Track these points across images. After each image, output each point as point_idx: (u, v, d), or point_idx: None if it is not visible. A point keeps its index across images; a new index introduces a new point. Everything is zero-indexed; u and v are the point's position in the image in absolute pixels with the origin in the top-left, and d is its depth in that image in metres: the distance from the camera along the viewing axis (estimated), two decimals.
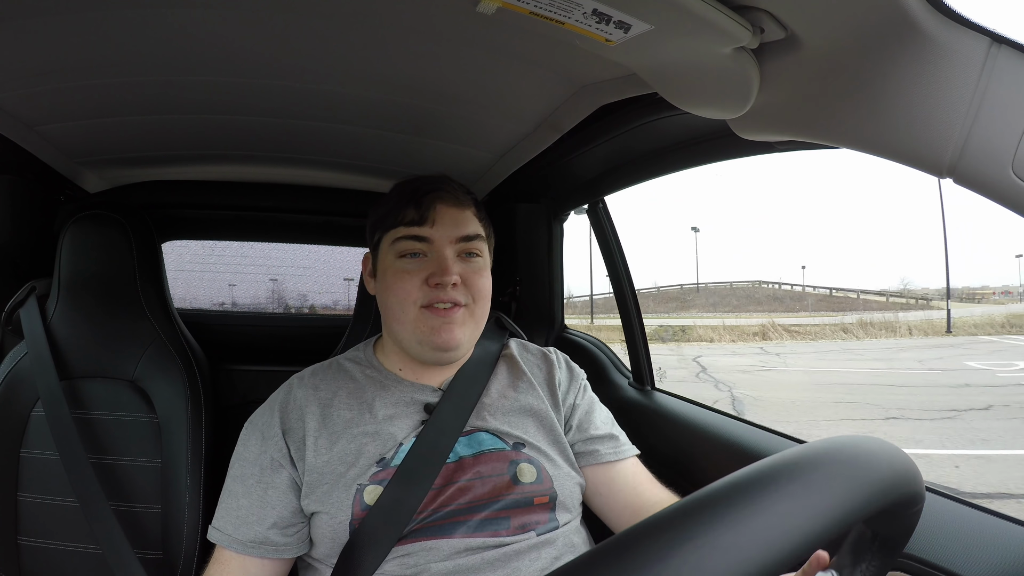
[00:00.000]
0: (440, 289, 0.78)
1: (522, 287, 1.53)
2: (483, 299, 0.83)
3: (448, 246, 0.81)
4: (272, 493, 0.75)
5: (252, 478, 0.76)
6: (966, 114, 0.45)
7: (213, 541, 0.75)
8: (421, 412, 0.81)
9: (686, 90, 0.66)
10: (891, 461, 0.34)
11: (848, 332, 23.83)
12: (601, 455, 0.86)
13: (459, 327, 0.80)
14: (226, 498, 0.77)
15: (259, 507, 0.75)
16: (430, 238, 0.80)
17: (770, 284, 47.33)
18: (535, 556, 0.73)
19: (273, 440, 0.78)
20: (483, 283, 0.83)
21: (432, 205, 0.81)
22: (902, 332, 23.38)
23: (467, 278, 0.81)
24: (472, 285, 0.82)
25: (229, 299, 1.90)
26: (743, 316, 31.18)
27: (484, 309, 0.84)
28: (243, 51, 0.79)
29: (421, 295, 0.79)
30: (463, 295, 0.81)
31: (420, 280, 0.79)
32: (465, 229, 0.82)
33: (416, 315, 0.79)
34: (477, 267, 0.83)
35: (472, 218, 0.85)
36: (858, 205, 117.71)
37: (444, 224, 0.81)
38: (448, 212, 0.82)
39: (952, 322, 23.89)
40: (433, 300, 0.79)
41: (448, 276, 0.78)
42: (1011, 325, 22.34)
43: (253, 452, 0.78)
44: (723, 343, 20.52)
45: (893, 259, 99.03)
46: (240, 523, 0.74)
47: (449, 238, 0.81)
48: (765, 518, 0.27)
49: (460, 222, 0.82)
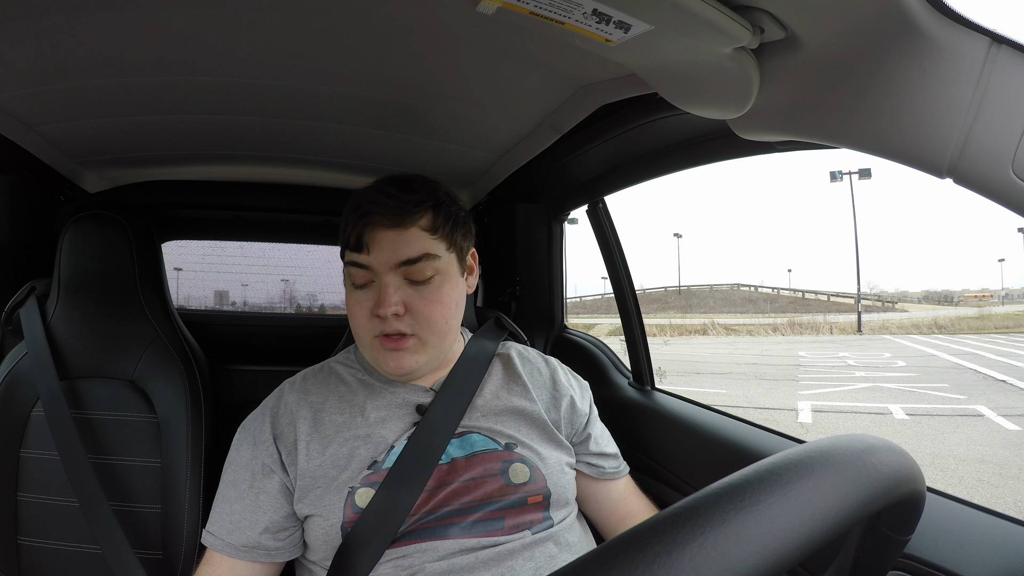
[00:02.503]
0: (383, 321, 0.75)
1: (522, 287, 1.53)
2: (432, 325, 0.77)
3: (388, 273, 0.75)
4: (264, 498, 0.75)
5: (244, 483, 0.76)
6: (966, 114, 0.45)
7: (206, 545, 0.75)
8: (413, 413, 0.81)
9: (686, 90, 0.66)
10: (892, 460, 0.34)
11: (777, 330, 28.31)
12: (605, 471, 0.90)
13: (409, 355, 0.77)
14: (219, 503, 0.77)
15: (251, 512, 0.75)
16: (370, 266, 0.75)
17: (748, 287, 49.32)
18: (529, 555, 0.74)
19: (264, 445, 0.78)
20: (430, 308, 0.76)
21: (366, 229, 0.75)
22: (824, 331, 27.90)
23: (412, 305, 0.76)
24: (418, 313, 0.76)
25: (229, 299, 1.90)
26: (690, 316, 37.47)
27: (437, 332, 0.78)
28: (243, 51, 0.79)
29: (371, 326, 0.76)
30: (408, 325, 0.76)
31: (368, 311, 0.76)
32: (405, 252, 0.74)
33: (369, 343, 0.78)
34: (427, 291, 0.76)
35: (418, 236, 0.75)
36: (847, 210, 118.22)
37: (382, 249, 0.74)
38: (385, 236, 0.75)
39: (883, 323, 28.69)
40: (381, 331, 0.76)
41: (385, 308, 0.73)
42: (938, 327, 26.63)
43: (245, 457, 0.78)
44: (663, 336, 27.21)
45: (871, 264, 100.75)
46: (233, 528, 0.74)
47: (387, 264, 0.74)
48: (767, 518, 0.27)
49: (400, 245, 0.75)
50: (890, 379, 10.13)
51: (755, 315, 37.65)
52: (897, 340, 21.50)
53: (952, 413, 7.04)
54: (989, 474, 4.69)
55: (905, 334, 24.93)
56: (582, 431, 0.89)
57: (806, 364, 13.40)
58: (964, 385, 9.17)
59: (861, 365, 12.81)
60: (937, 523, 0.65)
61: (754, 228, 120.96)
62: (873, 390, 9.01)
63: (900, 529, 0.39)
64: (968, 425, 6.40)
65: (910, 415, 7.08)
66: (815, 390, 9.07)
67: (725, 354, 17.08)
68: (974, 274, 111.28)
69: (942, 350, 15.80)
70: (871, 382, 9.86)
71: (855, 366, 12.61)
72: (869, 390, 9.03)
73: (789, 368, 12.52)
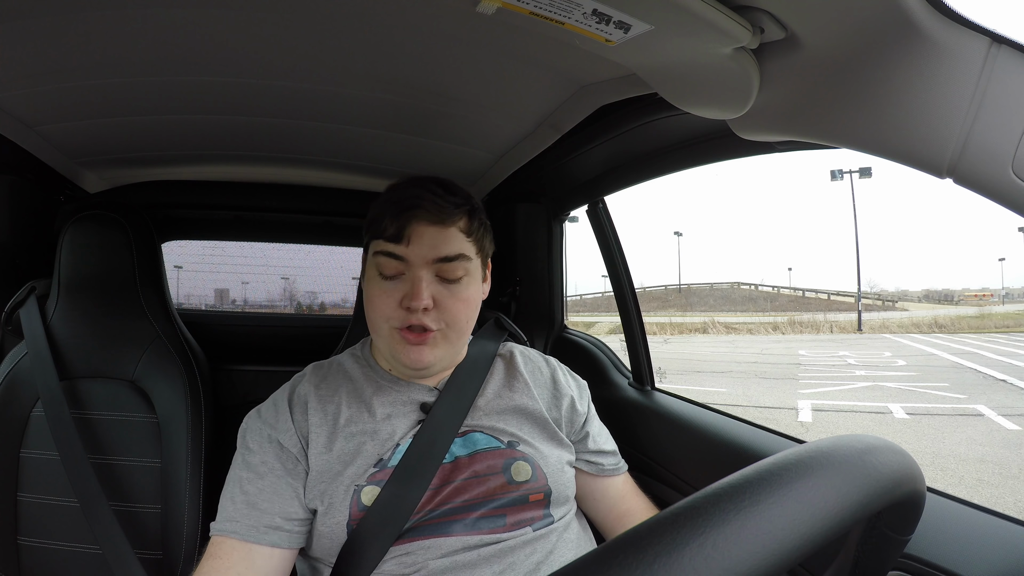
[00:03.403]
0: (411, 313, 0.76)
1: (522, 287, 1.53)
2: (458, 322, 0.80)
3: (424, 267, 0.77)
4: (284, 482, 0.74)
5: (264, 466, 0.74)
6: (966, 114, 0.45)
7: (217, 534, 0.71)
8: (418, 412, 0.81)
9: (686, 90, 0.66)
10: (892, 460, 0.34)
11: (777, 329, 28.40)
12: (604, 468, 0.91)
13: (430, 350, 0.78)
14: (233, 488, 0.74)
15: (272, 493, 0.73)
16: (406, 257, 0.77)
17: (748, 286, 49.42)
18: (530, 551, 0.75)
19: (286, 433, 0.77)
20: (459, 306, 0.79)
21: (409, 222, 0.77)
22: (824, 329, 28.00)
23: (442, 302, 0.78)
24: (445, 309, 0.78)
25: (229, 297, 1.90)
26: (690, 315, 37.62)
27: (460, 330, 0.81)
28: (243, 51, 0.79)
29: (395, 317, 0.77)
30: (434, 320, 0.78)
31: (395, 301, 0.77)
32: (444, 249, 0.77)
33: (389, 333, 0.78)
34: (456, 290, 0.79)
35: (456, 236, 0.79)
36: (848, 209, 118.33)
37: (421, 244, 0.77)
38: (427, 231, 0.77)
39: (884, 322, 28.83)
40: (405, 323, 0.77)
41: (417, 302, 0.75)
42: (938, 326, 26.88)
43: (263, 442, 0.76)
44: (663, 335, 27.28)
45: (872, 262, 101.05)
46: (251, 509, 0.71)
47: (425, 259, 0.77)
48: (767, 518, 0.27)
49: (439, 242, 0.77)
50: (890, 378, 10.18)
51: (755, 313, 37.86)
52: (897, 339, 21.72)
53: (952, 412, 7.06)
54: (989, 474, 4.70)
55: (905, 333, 25.22)
56: (580, 429, 0.90)
57: (806, 363, 13.55)
58: (964, 384, 9.20)
59: (861, 364, 12.89)
60: (937, 523, 0.65)
61: (754, 227, 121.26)
62: (873, 389, 9.04)
63: (900, 529, 0.39)
64: (968, 425, 6.42)
65: (910, 414, 7.09)
66: (815, 389, 9.10)
67: (725, 352, 17.31)
68: (974, 273, 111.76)
69: (942, 349, 15.92)
70: (871, 381, 9.89)
71: (855, 365, 12.68)
72: (869, 389, 9.06)
73: (789, 367, 12.65)
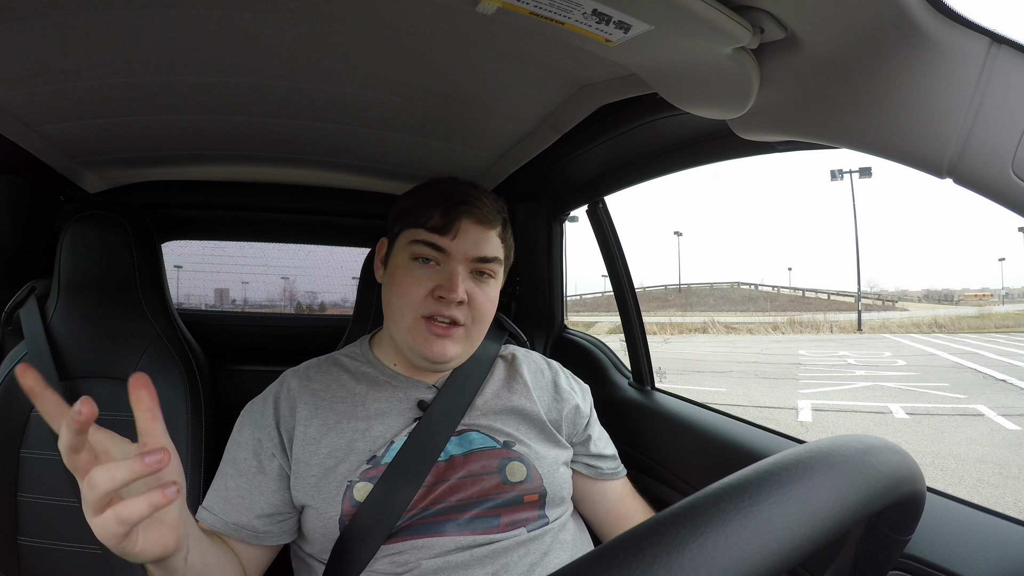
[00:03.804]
0: (443, 303, 0.77)
1: (522, 287, 1.53)
2: (483, 320, 0.82)
3: (463, 263, 0.79)
4: (261, 480, 0.76)
5: (243, 462, 0.77)
6: (966, 114, 0.45)
7: (200, 520, 0.75)
8: (414, 409, 0.81)
9: (686, 90, 0.66)
10: (892, 460, 0.34)
11: (777, 329, 28.51)
12: (603, 472, 0.92)
13: (452, 344, 0.79)
14: (217, 480, 0.79)
15: (248, 492, 0.76)
16: (448, 250, 0.79)
17: (748, 285, 49.43)
18: (524, 552, 0.75)
19: (266, 429, 0.78)
20: (487, 306, 0.82)
21: (459, 217, 0.79)
22: (824, 329, 28.14)
23: (473, 298, 0.80)
24: (476, 306, 0.80)
25: (229, 297, 1.90)
26: (690, 314, 37.84)
27: (482, 329, 0.83)
28: (243, 51, 0.79)
29: (424, 305, 0.78)
30: (464, 315, 0.79)
31: (427, 290, 0.78)
32: (484, 250, 0.80)
33: (413, 322, 0.79)
34: (486, 288, 0.82)
35: (495, 239, 0.82)
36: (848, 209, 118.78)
37: (466, 240, 0.79)
38: (472, 229, 0.80)
39: (884, 322, 29.03)
40: (434, 313, 0.78)
41: (455, 294, 0.76)
42: (938, 326, 27.07)
43: (246, 438, 0.79)
44: (663, 335, 27.52)
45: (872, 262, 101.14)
46: (228, 505, 0.75)
47: (466, 255, 0.79)
48: (767, 518, 0.27)
49: (482, 242, 0.80)
50: (890, 378, 10.19)
51: (755, 313, 37.91)
52: (897, 339, 21.76)
53: (952, 412, 7.07)
54: (989, 474, 4.70)
55: (905, 333, 25.30)
56: (582, 432, 0.90)
57: (806, 363, 13.59)
58: (964, 384, 9.21)
59: (861, 364, 12.92)
60: (937, 523, 0.65)
61: (754, 227, 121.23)
62: (873, 389, 9.05)
63: (900, 529, 0.39)
64: (968, 424, 6.43)
65: (910, 414, 7.10)
66: (815, 389, 9.12)
67: (725, 352, 17.46)
68: (974, 273, 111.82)
69: (942, 349, 15.95)
70: (871, 381, 9.91)
71: (855, 365, 12.70)
72: (869, 389, 9.07)
73: (789, 367, 12.70)
